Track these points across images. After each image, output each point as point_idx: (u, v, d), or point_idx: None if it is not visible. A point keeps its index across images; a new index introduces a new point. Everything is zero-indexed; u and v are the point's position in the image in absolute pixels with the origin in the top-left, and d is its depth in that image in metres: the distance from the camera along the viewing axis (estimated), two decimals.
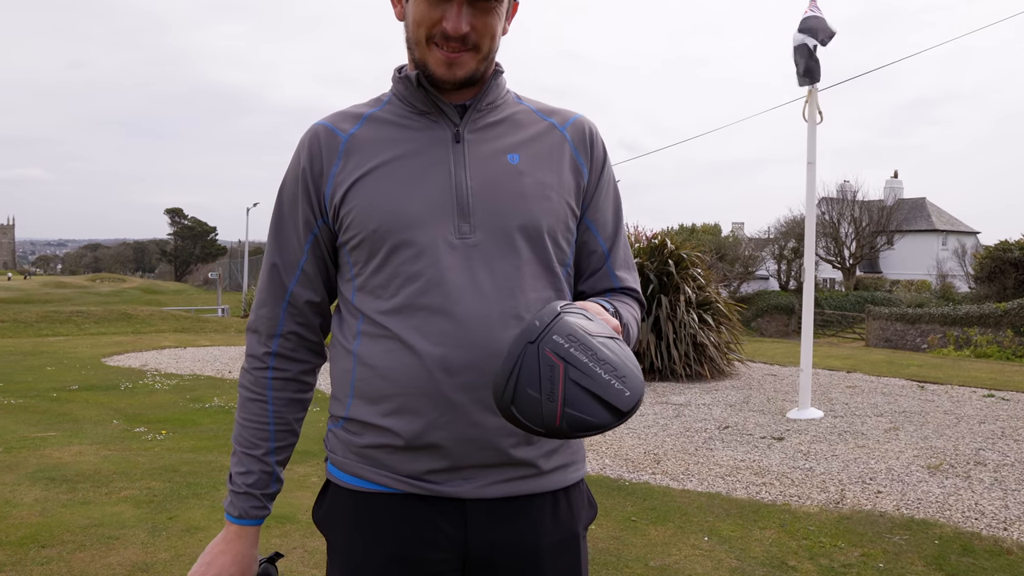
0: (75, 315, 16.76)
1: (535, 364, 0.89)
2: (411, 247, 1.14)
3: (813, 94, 7.16)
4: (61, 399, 7.55)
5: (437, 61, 1.15)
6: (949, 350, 19.00)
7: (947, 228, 44.58)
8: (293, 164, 1.24)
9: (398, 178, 1.17)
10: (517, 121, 1.25)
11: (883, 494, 4.64)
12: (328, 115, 1.26)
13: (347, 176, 1.18)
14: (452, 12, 1.12)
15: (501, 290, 1.15)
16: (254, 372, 1.26)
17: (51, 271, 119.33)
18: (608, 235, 1.30)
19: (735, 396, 8.27)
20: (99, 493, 4.20)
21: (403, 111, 1.22)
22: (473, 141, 1.20)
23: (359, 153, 1.19)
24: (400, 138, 1.19)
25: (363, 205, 1.16)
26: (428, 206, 1.15)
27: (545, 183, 1.20)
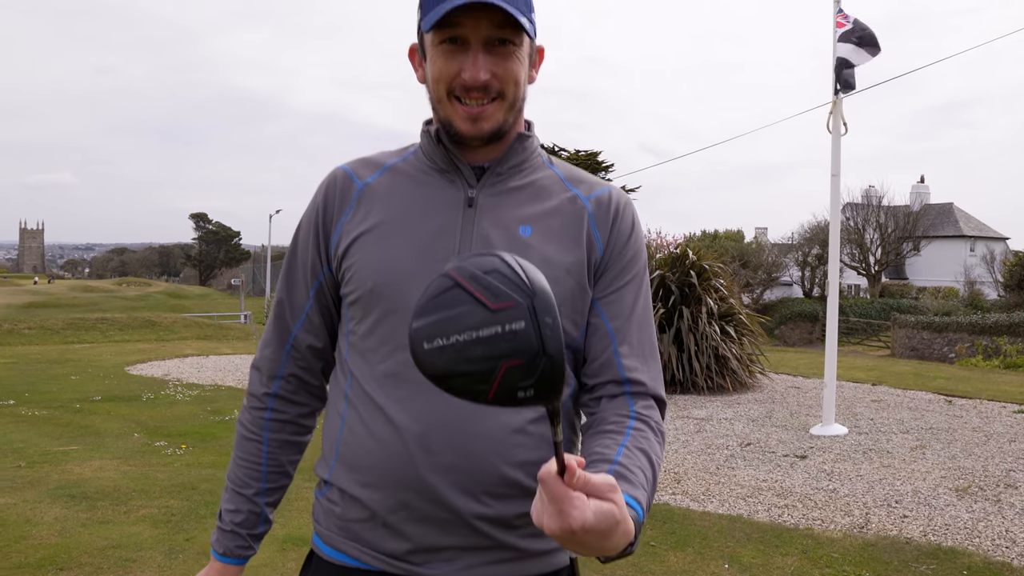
0: (100, 322, 16.98)
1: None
2: (403, 313, 1.09)
3: (838, 105, 7.05)
4: (84, 410, 7.62)
5: (462, 117, 1.10)
6: (978, 360, 18.65)
7: (975, 234, 43.84)
8: (310, 205, 1.22)
9: (403, 238, 1.12)
10: (539, 189, 1.18)
11: (909, 519, 4.54)
12: (353, 159, 1.24)
13: (354, 227, 1.15)
14: (469, 61, 1.07)
15: None
16: (252, 412, 1.25)
17: (79, 275, 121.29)
18: (620, 316, 1.15)
19: (758, 410, 8.16)
20: (118, 512, 4.21)
21: (424, 166, 1.18)
22: (487, 207, 1.14)
23: (370, 204, 1.16)
24: (414, 194, 1.16)
25: (364, 261, 1.13)
26: (426, 273, 1.08)
27: (552, 261, 1.11)
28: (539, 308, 0.68)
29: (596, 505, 0.74)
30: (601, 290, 1.16)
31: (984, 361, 18.19)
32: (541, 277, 0.71)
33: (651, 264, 9.87)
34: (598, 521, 0.74)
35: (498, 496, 1.07)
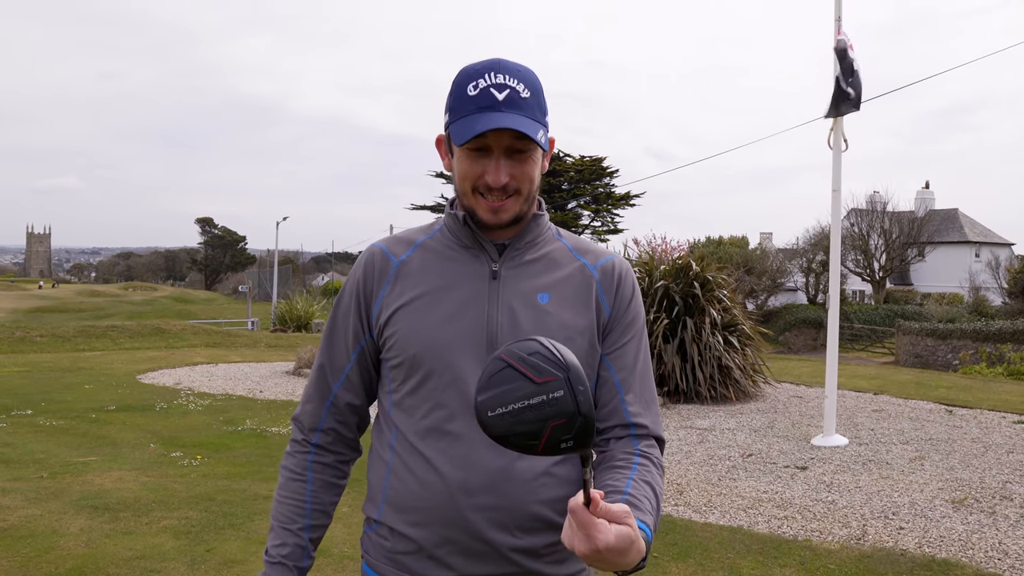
0: (110, 330, 17.18)
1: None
2: (443, 375, 1.27)
3: (838, 122, 7.18)
4: (100, 420, 7.79)
5: (484, 209, 1.28)
6: (981, 367, 18.71)
7: (980, 239, 43.84)
8: (351, 279, 1.38)
9: (438, 309, 1.29)
10: (552, 260, 1.36)
11: (905, 530, 4.66)
12: (386, 237, 1.41)
13: (393, 300, 1.31)
14: (492, 166, 1.25)
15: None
16: (297, 455, 1.41)
17: (85, 279, 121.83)
18: (624, 368, 1.34)
19: (760, 420, 8.29)
20: (140, 523, 4.37)
21: (450, 242, 1.35)
22: (509, 278, 1.32)
23: (406, 280, 1.32)
24: (444, 270, 1.32)
25: (405, 331, 1.29)
26: (462, 339, 1.27)
27: (568, 324, 1.30)
28: (573, 379, 0.90)
29: (616, 529, 0.93)
30: (608, 347, 1.35)
31: (988, 368, 18.26)
32: (572, 355, 0.92)
33: (655, 275, 10.01)
34: (618, 542, 0.92)
35: (528, 530, 1.26)
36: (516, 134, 1.23)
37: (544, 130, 1.26)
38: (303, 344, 14.50)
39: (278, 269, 40.83)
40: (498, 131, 1.23)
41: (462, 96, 1.24)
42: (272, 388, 10.43)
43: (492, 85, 1.23)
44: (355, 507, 4.83)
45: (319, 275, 78.40)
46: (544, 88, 1.32)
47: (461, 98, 1.24)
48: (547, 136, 1.29)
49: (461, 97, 1.24)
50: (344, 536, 4.28)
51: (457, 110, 1.25)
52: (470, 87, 1.23)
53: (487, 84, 1.23)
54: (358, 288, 1.36)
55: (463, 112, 1.23)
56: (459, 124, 1.24)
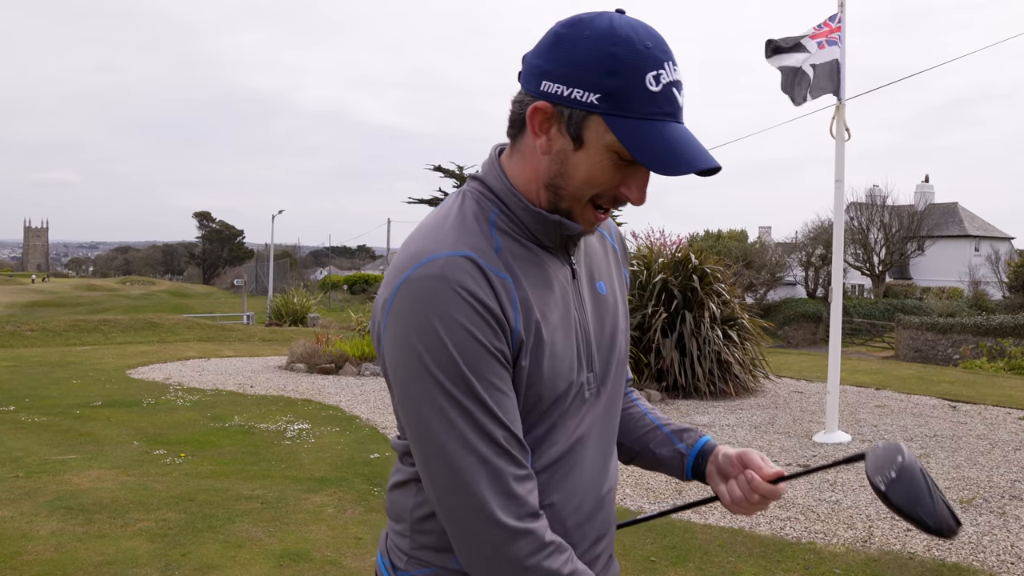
0: (103, 324, 16.97)
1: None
2: (559, 406, 1.07)
3: (841, 110, 6.99)
4: (84, 416, 7.60)
5: (588, 220, 1.06)
6: (982, 362, 18.57)
7: (980, 233, 43.70)
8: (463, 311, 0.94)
9: (554, 331, 1.05)
10: (587, 239, 1.19)
11: (913, 532, 4.48)
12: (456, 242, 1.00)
13: (524, 333, 1.01)
14: (638, 182, 1.01)
15: (612, 434, 1.20)
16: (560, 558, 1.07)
17: (83, 273, 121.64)
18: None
19: (760, 416, 8.11)
20: (115, 525, 4.18)
21: (519, 236, 1.06)
22: (578, 274, 1.13)
23: (525, 302, 1.02)
24: (541, 279, 1.06)
25: (538, 366, 1.02)
26: (575, 361, 1.09)
27: (624, 311, 1.21)
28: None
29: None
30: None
31: (989, 363, 18.12)
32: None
33: (653, 268, 9.83)
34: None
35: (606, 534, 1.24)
36: None
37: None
38: (296, 338, 14.30)
39: (275, 263, 40.66)
40: None
41: (638, 86, 0.94)
42: (263, 383, 10.25)
43: (674, 83, 0.97)
44: (340, 508, 4.65)
45: (317, 269, 78.24)
46: None
47: (636, 88, 0.94)
48: None
49: (636, 86, 0.94)
50: (328, 539, 4.09)
51: (628, 102, 0.94)
52: (650, 77, 0.94)
53: (670, 80, 0.96)
54: (493, 318, 0.97)
55: (642, 111, 0.94)
56: (637, 129, 0.95)
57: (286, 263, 56.76)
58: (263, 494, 4.86)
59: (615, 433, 1.21)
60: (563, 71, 0.96)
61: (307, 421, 7.47)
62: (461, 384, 0.94)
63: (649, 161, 0.94)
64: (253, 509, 4.54)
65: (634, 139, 0.94)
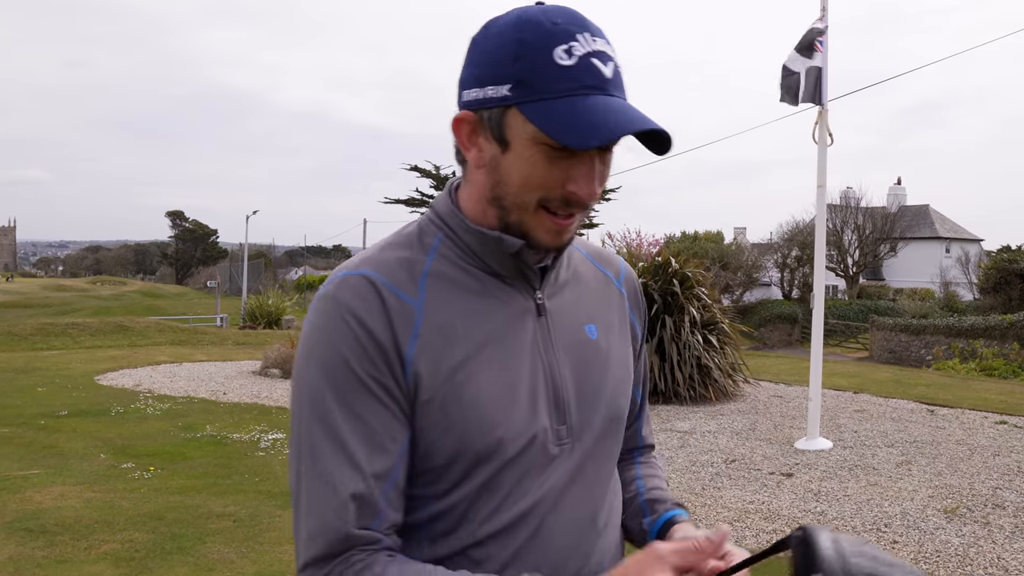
0: (71, 327, 16.57)
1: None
2: (514, 467, 0.90)
3: (823, 115, 6.96)
4: (48, 427, 7.35)
5: (548, 230, 0.90)
6: (955, 363, 18.80)
7: (950, 235, 44.40)
8: (343, 336, 0.86)
9: (496, 374, 0.90)
10: (579, 276, 1.04)
11: (900, 544, 4.44)
12: (370, 259, 0.91)
13: (433, 367, 0.87)
14: (583, 172, 0.86)
15: (594, 500, 0.99)
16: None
17: (52, 273, 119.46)
18: (642, 394, 1.16)
19: (741, 422, 8.07)
20: (78, 548, 4.00)
21: (465, 263, 0.94)
22: (553, 312, 0.97)
23: (441, 333, 0.89)
24: (481, 311, 0.92)
25: (463, 414, 0.88)
26: (530, 410, 0.91)
27: (623, 362, 1.04)
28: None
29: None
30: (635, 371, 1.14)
31: (961, 364, 18.34)
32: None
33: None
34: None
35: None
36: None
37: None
38: (271, 342, 14.05)
39: (250, 263, 40.16)
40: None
41: (547, 63, 0.83)
42: (237, 390, 10.02)
43: (594, 54, 0.84)
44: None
45: (292, 269, 77.53)
46: None
47: (545, 66, 0.83)
48: None
49: (544, 65, 0.83)
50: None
51: (539, 84, 0.83)
52: (559, 51, 0.83)
53: (587, 52, 0.83)
54: (372, 344, 0.86)
55: (556, 89, 0.82)
56: (553, 109, 0.83)
57: (261, 263, 56.13)
58: (236, 511, 4.69)
59: (606, 498, 1.00)
60: (476, 72, 0.88)
61: (282, 430, 7.29)
62: (320, 409, 0.86)
63: (566, 135, 0.82)
64: (225, 528, 4.37)
65: (550, 119, 0.82)
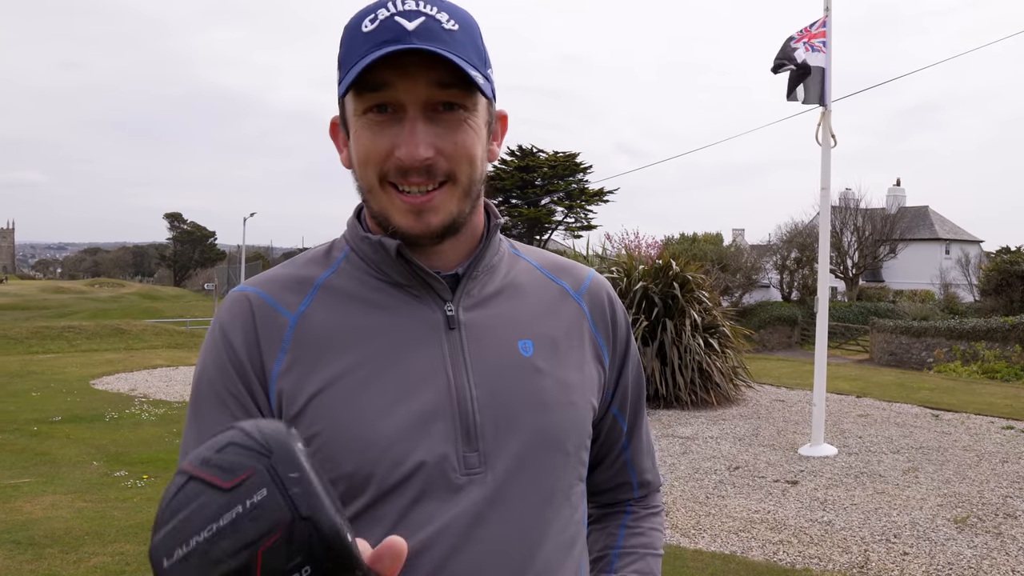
0: (67, 331, 16.45)
1: None
2: (402, 495, 0.81)
3: (826, 117, 6.87)
4: (41, 434, 7.24)
5: (401, 210, 0.83)
6: (956, 365, 18.71)
7: (950, 237, 44.33)
8: (216, 352, 0.85)
9: (378, 391, 0.83)
10: (519, 287, 0.93)
11: (910, 556, 4.34)
12: (259, 278, 0.89)
13: (299, 383, 0.83)
14: (404, 133, 0.80)
15: (522, 547, 0.85)
16: None
17: (51, 275, 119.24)
18: (630, 421, 1.04)
19: (743, 427, 7.97)
20: (67, 560, 3.89)
21: (368, 277, 0.88)
22: (472, 326, 0.88)
23: (315, 347, 0.84)
24: (373, 324, 0.86)
25: (331, 434, 0.81)
26: (425, 432, 0.82)
27: (568, 383, 0.90)
28: (279, 466, 0.52)
29: None
30: (616, 399, 1.02)
31: (962, 367, 18.25)
32: (277, 428, 0.54)
33: (634, 276, 9.66)
34: None
35: None
36: (439, 76, 0.79)
37: (487, 82, 0.83)
38: None
39: (247, 265, 40.06)
40: (410, 73, 0.79)
41: (355, 38, 0.82)
42: None
43: (398, 13, 0.81)
44: None
45: None
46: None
47: (354, 41, 0.82)
48: (492, 89, 0.85)
49: (354, 40, 0.82)
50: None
51: (347, 61, 0.82)
52: (366, 22, 0.82)
53: (391, 13, 0.81)
54: (230, 361, 0.84)
55: (355, 58, 0.81)
56: (351, 73, 0.80)
57: (258, 265, 55.98)
58: None
59: (543, 544, 0.86)
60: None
61: None
62: (189, 418, 0.88)
63: (342, 86, 0.82)
64: None
65: (347, 81, 0.81)
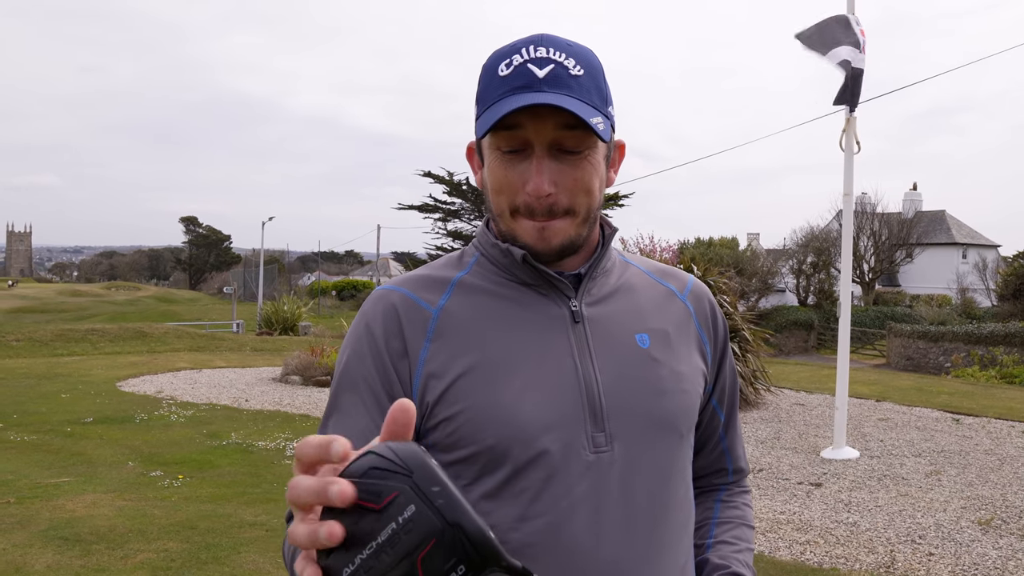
0: (90, 333, 16.69)
1: None
2: (538, 468, 0.90)
3: (851, 123, 6.91)
4: (75, 434, 7.40)
5: (526, 231, 0.94)
6: (974, 370, 18.60)
7: (967, 241, 44.00)
8: (360, 338, 0.97)
9: (515, 374, 0.93)
10: (632, 288, 1.04)
11: (935, 556, 4.39)
12: (399, 279, 1.01)
13: (444, 367, 0.93)
14: (530, 171, 0.91)
15: (646, 519, 0.94)
16: None
17: (67, 278, 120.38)
18: (727, 412, 1.15)
19: (765, 431, 8.02)
20: (114, 557, 4.02)
21: (500, 277, 0.99)
22: (594, 320, 0.98)
23: (457, 336, 0.95)
24: (507, 316, 0.96)
25: (475, 411, 0.91)
26: (556, 411, 0.92)
27: (681, 373, 1.01)
28: (422, 483, 0.59)
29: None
30: (716, 392, 1.13)
31: (980, 372, 18.15)
32: (412, 449, 0.61)
33: None
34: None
35: None
36: (563, 120, 0.89)
37: (605, 120, 0.92)
38: (290, 348, 14.10)
39: (264, 269, 40.32)
40: (538, 116, 0.89)
41: (492, 79, 0.92)
42: (259, 397, 10.06)
43: (531, 60, 0.91)
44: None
45: (305, 275, 77.80)
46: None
47: (491, 83, 0.93)
48: (612, 125, 0.95)
49: (491, 81, 0.93)
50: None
51: (485, 99, 0.93)
52: (502, 66, 0.92)
53: (524, 60, 0.91)
54: (379, 350, 0.95)
55: (492, 99, 0.91)
56: (485, 115, 0.91)
57: (274, 269, 56.36)
58: (267, 520, 4.70)
59: (667, 515, 0.96)
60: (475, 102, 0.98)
61: None
62: (328, 407, 0.98)
63: (480, 131, 0.92)
64: (259, 537, 4.38)
65: (484, 122, 0.91)
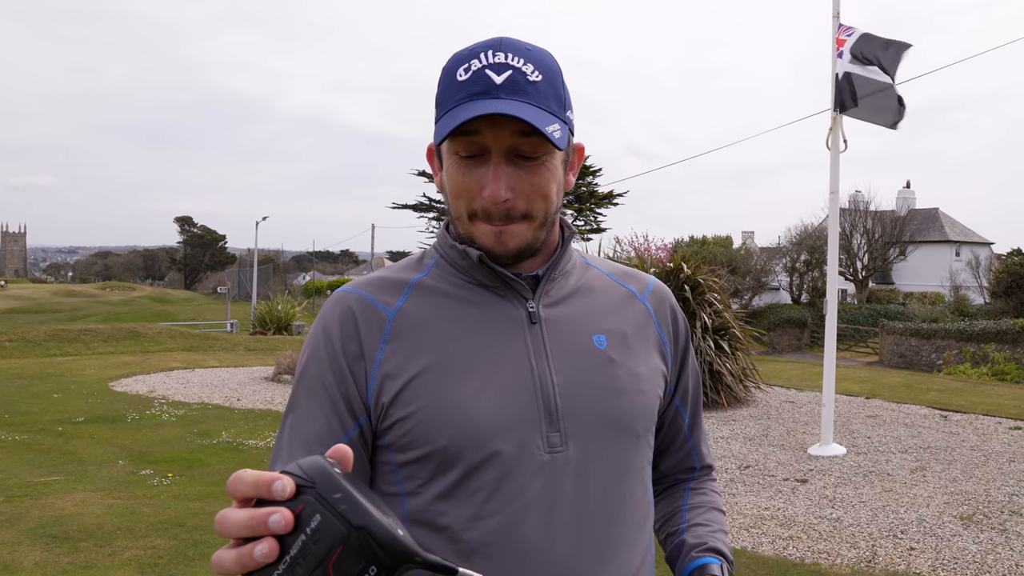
0: (83, 333, 16.68)
1: None
2: (491, 468, 0.92)
3: (837, 122, 6.97)
4: (67, 434, 7.42)
5: (484, 234, 0.96)
6: (966, 367, 18.70)
7: (960, 239, 44.19)
8: (319, 341, 0.98)
9: (471, 375, 0.94)
10: (591, 289, 1.06)
11: (916, 551, 4.45)
12: (358, 281, 1.02)
13: (399, 367, 0.94)
14: (487, 176, 0.93)
15: (600, 519, 0.96)
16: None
17: (62, 279, 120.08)
18: (691, 411, 1.18)
19: (754, 428, 8.07)
20: (102, 554, 4.05)
21: (458, 279, 1.01)
22: (552, 321, 1.00)
23: (413, 337, 0.96)
24: (462, 316, 0.98)
25: (428, 412, 0.92)
26: (511, 412, 0.93)
27: (638, 373, 1.02)
28: (324, 492, 0.63)
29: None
30: (678, 391, 1.16)
31: (972, 369, 18.24)
32: (315, 462, 0.65)
33: None
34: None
35: None
36: (520, 127, 0.90)
37: (562, 125, 0.93)
38: (283, 348, 14.12)
39: (258, 268, 40.28)
40: (495, 123, 0.90)
41: (451, 84, 0.94)
42: (250, 396, 10.09)
43: (489, 66, 0.92)
44: None
45: (300, 274, 77.71)
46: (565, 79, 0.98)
47: (450, 87, 0.94)
48: (568, 135, 0.96)
49: (450, 85, 0.94)
50: None
51: (443, 103, 0.94)
52: (461, 71, 0.93)
53: (482, 65, 0.92)
54: (336, 352, 0.96)
55: (450, 104, 0.93)
56: (443, 120, 0.92)
57: (269, 268, 56.28)
58: None
59: (612, 513, 0.97)
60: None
61: None
62: (290, 399, 1.00)
63: (438, 137, 0.93)
64: None
65: (442, 127, 0.92)
